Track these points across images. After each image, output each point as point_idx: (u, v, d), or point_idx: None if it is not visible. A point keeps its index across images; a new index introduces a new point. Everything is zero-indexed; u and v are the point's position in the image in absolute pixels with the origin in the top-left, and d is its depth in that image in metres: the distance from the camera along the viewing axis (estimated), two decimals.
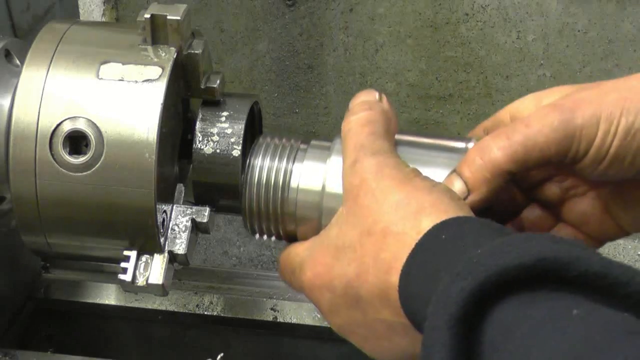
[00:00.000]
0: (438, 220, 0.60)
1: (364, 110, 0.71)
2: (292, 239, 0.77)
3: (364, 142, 0.69)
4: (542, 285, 0.49)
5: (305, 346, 1.21)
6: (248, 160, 0.77)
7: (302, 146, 0.77)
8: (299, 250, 0.73)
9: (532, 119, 0.66)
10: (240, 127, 0.77)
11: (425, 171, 0.68)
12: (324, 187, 0.72)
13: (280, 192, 0.75)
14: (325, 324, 1.17)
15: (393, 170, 0.66)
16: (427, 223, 0.60)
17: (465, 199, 0.67)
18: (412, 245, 0.60)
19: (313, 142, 0.77)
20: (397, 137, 0.74)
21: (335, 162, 0.72)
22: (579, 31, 1.59)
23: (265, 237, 0.79)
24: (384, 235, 0.63)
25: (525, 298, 0.49)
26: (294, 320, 1.18)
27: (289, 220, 0.75)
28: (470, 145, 0.72)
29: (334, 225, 0.69)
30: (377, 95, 0.73)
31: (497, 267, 0.49)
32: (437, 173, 0.70)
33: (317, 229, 0.73)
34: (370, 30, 1.63)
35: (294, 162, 0.76)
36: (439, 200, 0.62)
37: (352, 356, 1.19)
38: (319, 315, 1.18)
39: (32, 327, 1.21)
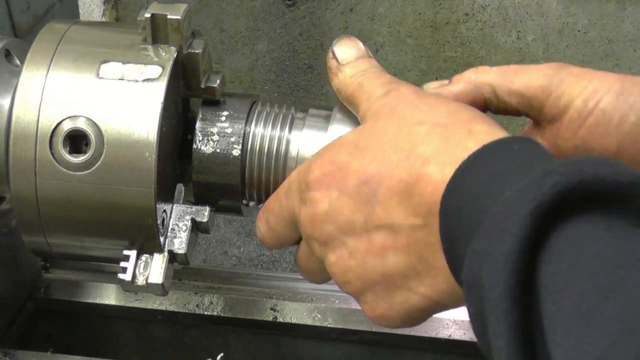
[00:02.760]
0: (491, 130, 0.58)
1: (374, 64, 0.70)
2: None
3: (392, 79, 0.68)
4: (621, 210, 0.45)
5: (305, 346, 1.20)
6: (246, 129, 0.77)
7: (300, 114, 0.77)
8: (298, 168, 0.70)
9: (530, 65, 0.69)
10: (240, 126, 0.77)
11: None
12: None
13: (279, 161, 0.75)
14: (325, 324, 1.17)
15: (434, 94, 0.66)
16: (480, 129, 0.59)
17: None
18: (463, 144, 0.57)
19: (311, 110, 0.77)
20: None
21: (337, 131, 0.72)
22: (579, 31, 1.59)
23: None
24: (429, 133, 0.60)
25: (602, 219, 0.45)
26: (294, 320, 1.18)
27: None
28: None
29: (352, 132, 0.66)
30: (365, 48, 0.72)
31: (594, 176, 0.45)
32: None
33: None
34: (370, 30, 1.63)
35: (291, 130, 0.76)
36: (489, 118, 0.61)
37: (352, 356, 1.19)
38: (319, 315, 1.18)
39: (32, 327, 1.21)
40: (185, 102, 0.81)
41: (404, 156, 0.60)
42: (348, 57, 0.71)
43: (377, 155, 0.61)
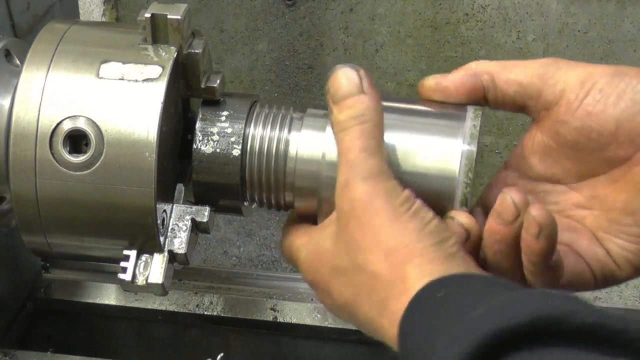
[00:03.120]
0: (425, 272, 0.62)
1: (359, 114, 0.69)
2: (291, 208, 0.78)
3: (355, 160, 0.67)
4: (540, 341, 0.49)
5: (305, 346, 1.20)
6: (245, 130, 0.77)
7: (297, 114, 0.77)
8: (298, 244, 0.74)
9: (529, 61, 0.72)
10: (240, 126, 0.77)
11: (423, 139, 0.71)
12: (324, 155, 0.72)
13: (278, 162, 0.76)
14: (325, 324, 1.17)
15: (384, 204, 0.66)
16: (414, 274, 0.62)
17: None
18: (401, 296, 0.62)
19: (309, 110, 0.77)
20: (394, 103, 0.74)
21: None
22: (579, 31, 1.59)
23: (265, 207, 0.79)
24: (374, 279, 0.65)
25: (525, 355, 0.49)
26: (294, 320, 1.18)
27: (287, 190, 0.75)
28: (470, 111, 0.73)
29: (329, 237, 0.70)
30: (359, 82, 0.70)
31: (493, 330, 0.49)
32: (436, 141, 0.71)
33: (316, 198, 0.73)
34: (370, 30, 1.63)
35: (290, 130, 0.76)
36: (426, 250, 0.63)
37: (352, 356, 1.19)
38: (319, 315, 1.18)
39: (32, 327, 1.21)
40: (185, 102, 0.81)
41: (366, 296, 0.66)
42: (337, 96, 0.70)
43: (349, 283, 0.68)
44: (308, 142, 0.75)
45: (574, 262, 0.69)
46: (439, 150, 0.71)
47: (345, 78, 0.70)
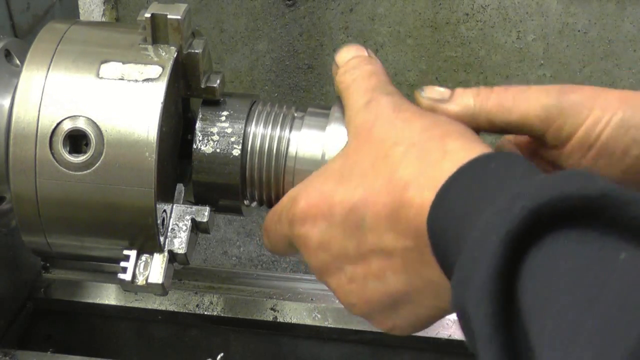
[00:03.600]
0: (466, 147, 0.58)
1: (365, 64, 0.70)
2: None
3: (376, 85, 0.68)
4: (592, 223, 0.46)
5: (305, 346, 1.20)
6: (245, 129, 0.77)
7: (298, 114, 0.77)
8: (288, 193, 0.70)
9: (530, 89, 0.67)
10: (240, 126, 0.77)
11: None
12: (323, 155, 0.73)
13: (279, 161, 0.76)
14: (325, 324, 1.17)
15: (412, 106, 0.65)
16: (455, 145, 0.59)
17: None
18: (441, 162, 0.57)
19: (310, 109, 0.77)
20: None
21: (334, 130, 0.72)
22: (579, 31, 1.59)
23: (265, 205, 0.79)
24: (405, 155, 0.60)
25: (574, 235, 0.46)
26: (294, 320, 1.18)
27: (287, 189, 0.75)
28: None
29: (338, 158, 0.67)
30: (367, 51, 0.73)
31: (561, 194, 0.46)
32: None
33: None
34: (370, 30, 1.63)
35: (291, 129, 0.76)
36: (464, 129, 0.61)
37: (352, 356, 1.19)
38: (319, 315, 1.18)
39: (32, 327, 1.21)
40: (185, 102, 0.81)
41: (386, 181, 0.60)
42: (345, 58, 0.72)
43: (360, 182, 0.62)
44: (308, 142, 0.75)
45: None
46: None
47: (347, 50, 0.73)
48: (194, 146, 0.78)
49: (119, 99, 0.72)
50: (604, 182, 0.46)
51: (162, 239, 0.75)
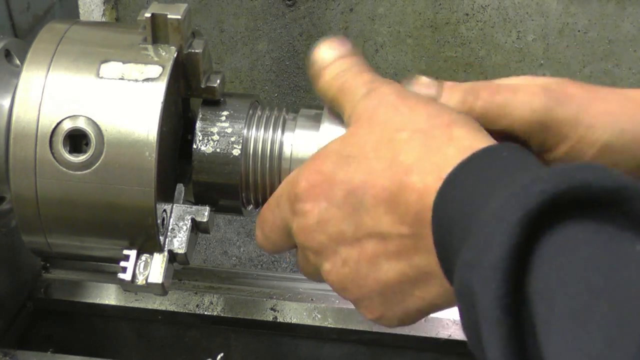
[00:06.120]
0: (471, 134, 0.58)
1: (353, 65, 0.69)
2: None
3: (372, 78, 0.67)
4: (609, 214, 0.46)
5: (305, 346, 1.21)
6: (243, 132, 0.77)
7: (291, 115, 0.77)
8: (286, 179, 0.69)
9: (521, 91, 0.67)
10: (240, 126, 0.78)
11: None
12: None
13: (273, 163, 0.76)
14: (325, 324, 1.17)
15: (415, 94, 0.65)
16: (459, 133, 0.58)
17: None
18: (446, 148, 0.57)
19: (302, 110, 0.77)
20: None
21: (328, 129, 0.72)
22: (579, 31, 1.59)
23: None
24: (410, 140, 0.60)
25: (590, 223, 0.46)
26: (294, 320, 1.18)
27: None
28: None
29: (336, 140, 0.66)
30: (343, 45, 0.70)
31: (581, 182, 0.46)
32: None
33: None
34: (370, 30, 1.63)
35: (284, 131, 0.76)
36: (469, 119, 0.61)
37: (352, 356, 1.19)
38: (319, 316, 1.18)
39: (32, 327, 1.21)
40: (185, 102, 0.81)
41: (387, 165, 0.60)
42: (328, 59, 0.70)
43: (361, 164, 0.62)
44: (302, 142, 0.75)
45: None
46: None
47: (328, 47, 0.70)
48: (194, 146, 0.78)
49: (119, 99, 0.72)
50: (621, 176, 0.46)
51: (162, 238, 0.75)
